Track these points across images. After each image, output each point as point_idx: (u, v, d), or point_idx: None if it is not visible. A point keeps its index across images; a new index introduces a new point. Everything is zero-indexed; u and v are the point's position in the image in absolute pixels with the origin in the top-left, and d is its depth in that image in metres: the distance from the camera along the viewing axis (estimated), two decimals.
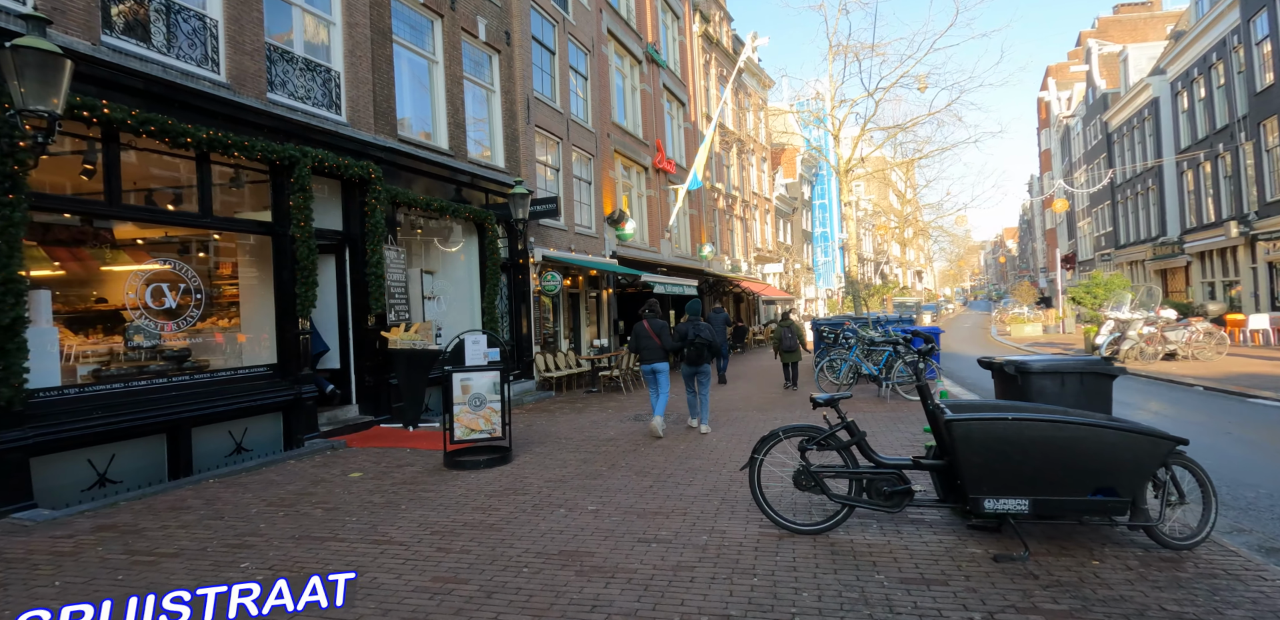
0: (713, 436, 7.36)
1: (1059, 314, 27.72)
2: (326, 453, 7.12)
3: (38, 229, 5.81)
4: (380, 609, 3.00)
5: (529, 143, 12.80)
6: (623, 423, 8.54)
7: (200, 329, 6.91)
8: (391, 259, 8.92)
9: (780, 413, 8.99)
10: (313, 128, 7.78)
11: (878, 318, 14.68)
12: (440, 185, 10.25)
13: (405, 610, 3.00)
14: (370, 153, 8.63)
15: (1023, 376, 4.55)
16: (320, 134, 7.88)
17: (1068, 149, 45.51)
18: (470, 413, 6.25)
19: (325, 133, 7.95)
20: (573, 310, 14.90)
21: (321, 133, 7.89)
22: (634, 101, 19.48)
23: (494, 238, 11.14)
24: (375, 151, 8.72)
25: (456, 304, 11.19)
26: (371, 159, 8.61)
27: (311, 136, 7.77)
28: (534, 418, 9.24)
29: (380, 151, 8.80)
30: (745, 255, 29.97)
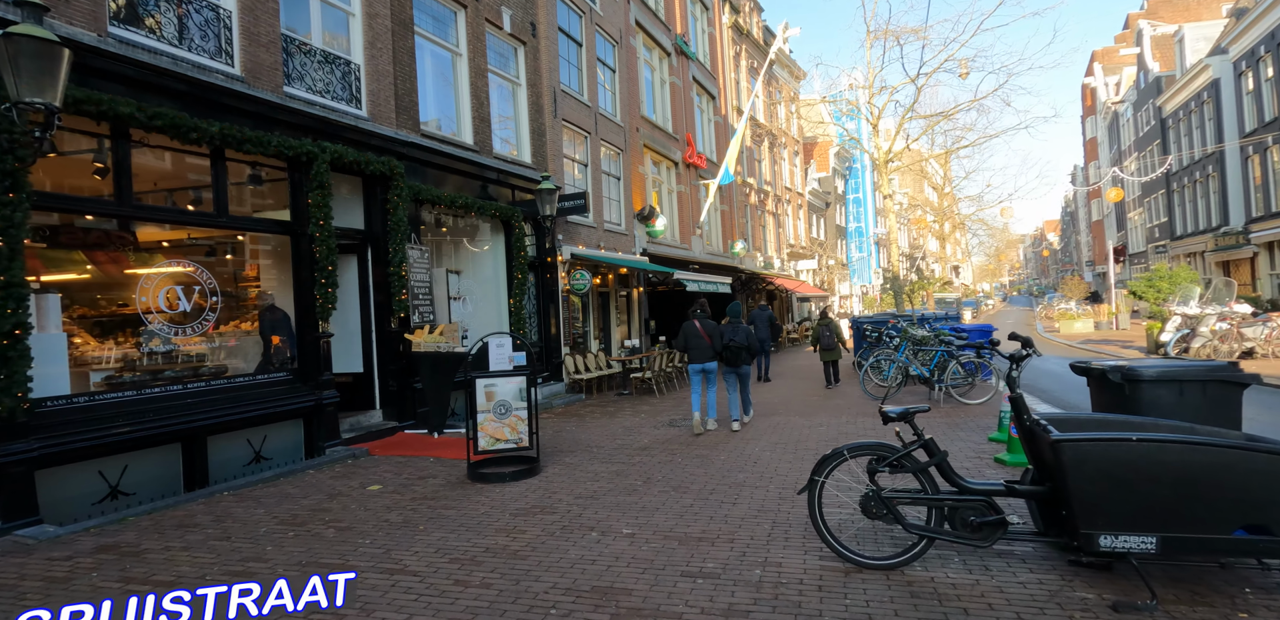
0: (756, 445, 6.84)
1: (1111, 309, 26.36)
2: (348, 462, 6.80)
3: (45, 231, 5.58)
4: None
5: (556, 137, 12.40)
6: (657, 429, 8.06)
7: (217, 333, 6.64)
8: (415, 258, 8.59)
9: (825, 417, 8.41)
10: (332, 122, 7.46)
11: (923, 315, 13.92)
12: (465, 182, 9.90)
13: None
14: (392, 148, 8.30)
15: (1131, 385, 3.92)
16: (340, 129, 7.56)
17: (1116, 137, 43.53)
18: (495, 421, 5.84)
19: (345, 128, 7.63)
20: (602, 310, 14.48)
21: (341, 128, 7.58)
22: (663, 95, 18.97)
23: (521, 236, 10.77)
24: (397, 147, 8.39)
25: (483, 304, 10.85)
26: (393, 155, 8.28)
27: (330, 132, 7.46)
28: (563, 423, 8.82)
29: (402, 147, 8.47)
30: (778, 252, 29.23)
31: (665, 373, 12.30)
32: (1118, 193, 26.70)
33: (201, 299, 6.36)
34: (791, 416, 8.62)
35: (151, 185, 6.44)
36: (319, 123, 7.33)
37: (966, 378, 8.96)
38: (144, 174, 6.20)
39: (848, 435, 7.15)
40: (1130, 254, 41.21)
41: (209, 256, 6.86)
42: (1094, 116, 52.57)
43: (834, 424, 7.90)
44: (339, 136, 7.55)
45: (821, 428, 7.66)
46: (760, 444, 6.87)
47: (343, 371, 8.22)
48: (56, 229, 5.73)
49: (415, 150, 8.74)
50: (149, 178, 6.34)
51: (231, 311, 6.93)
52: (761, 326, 13.14)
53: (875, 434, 7.10)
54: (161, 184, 6.60)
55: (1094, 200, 57.63)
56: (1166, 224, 33.41)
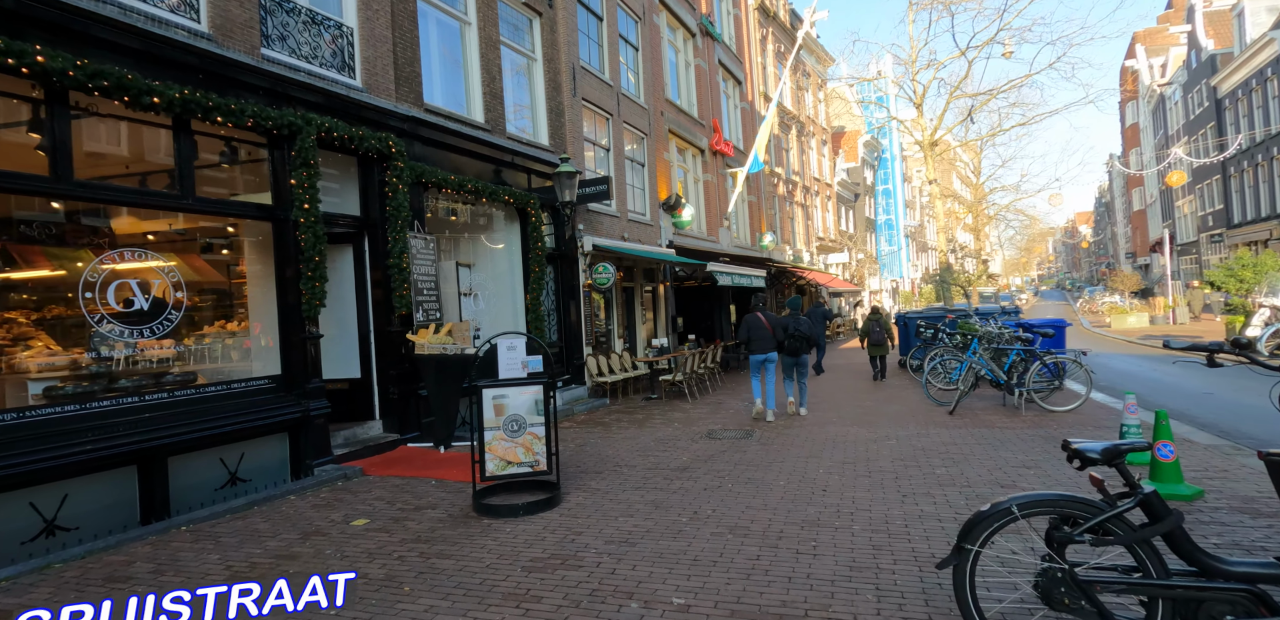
0: (819, 465, 5.74)
1: (1168, 303, 24.66)
2: (337, 484, 5.83)
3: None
4: None
5: (575, 118, 11.35)
6: (695, 442, 6.98)
7: (183, 336, 5.70)
8: (419, 249, 7.61)
9: (889, 427, 7.27)
10: (320, 91, 6.49)
11: (978, 309, 12.65)
12: (475, 164, 8.89)
13: None
14: (390, 123, 7.32)
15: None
16: (330, 100, 6.59)
17: (1161, 121, 41.38)
18: (506, 440, 4.81)
19: (335, 98, 6.66)
20: (626, 307, 13.43)
21: (330, 98, 6.60)
22: (688, 78, 17.84)
23: (537, 225, 9.75)
24: (396, 122, 7.41)
25: (497, 301, 9.86)
26: (392, 131, 7.30)
27: (318, 102, 6.48)
28: (586, 434, 7.78)
29: (403, 122, 7.49)
30: (807, 245, 27.95)
31: (697, 374, 11.22)
32: (1180, 175, 24.92)
33: (163, 295, 5.42)
34: (850, 426, 7.49)
35: (103, 162, 5.52)
36: (304, 91, 6.36)
37: (1051, 381, 7.75)
38: (95, 149, 5.27)
39: (925, 453, 6.01)
40: (1179, 244, 39.07)
41: (173, 246, 5.92)
42: (1135, 101, 50.20)
43: (903, 437, 6.76)
44: (328, 108, 6.58)
45: (890, 442, 6.52)
46: (823, 464, 5.76)
47: (338, 377, 7.28)
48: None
49: (418, 127, 7.75)
50: (98, 152, 5.41)
51: (202, 310, 5.99)
52: (818, 322, 13.09)
53: (957, 449, 5.96)
54: (116, 161, 5.66)
55: (1134, 189, 55.17)
56: (1222, 211, 31.43)
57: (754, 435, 7.21)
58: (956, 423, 7.37)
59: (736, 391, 11.30)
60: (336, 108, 6.67)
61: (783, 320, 8.29)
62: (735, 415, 8.70)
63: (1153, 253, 47.57)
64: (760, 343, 8.18)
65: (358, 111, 6.92)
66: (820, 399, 9.87)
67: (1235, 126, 28.97)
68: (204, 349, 5.97)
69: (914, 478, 5.10)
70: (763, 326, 8.19)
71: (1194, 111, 34.17)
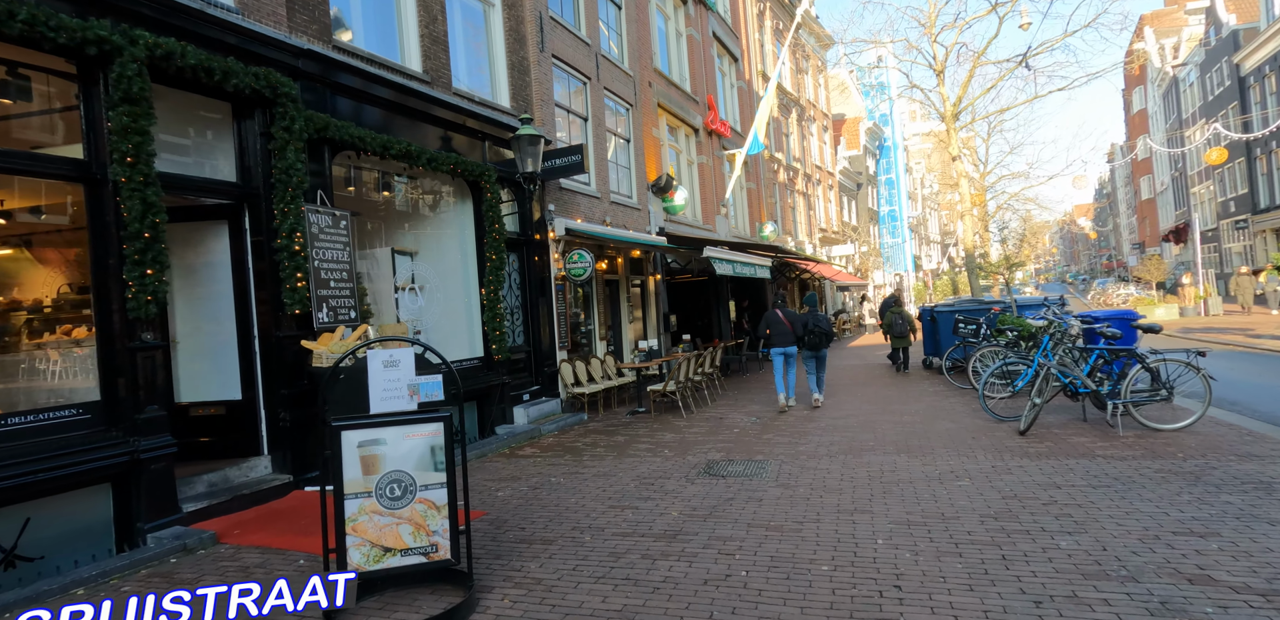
0: (870, 524, 3.92)
1: (1198, 293, 22.93)
2: (169, 561, 4.00)
3: None
4: None
5: (544, 78, 9.52)
6: (689, 482, 5.15)
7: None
8: (322, 227, 5.77)
9: (948, 457, 5.46)
10: (162, 4, 4.65)
11: (1020, 301, 10.86)
12: (411, 125, 7.05)
13: None
14: (278, 58, 5.48)
15: None
16: (172, 14, 4.74)
17: (1174, 104, 39.68)
18: (382, 514, 2.98)
19: (186, 13, 4.81)
20: (611, 302, 11.60)
21: (175, 11, 4.76)
22: (679, 48, 16.01)
23: (494, 203, 7.91)
24: (288, 58, 5.56)
25: (446, 297, 8.03)
26: (280, 69, 5.46)
27: (155, 17, 4.64)
28: (549, 467, 5.96)
29: (297, 58, 5.65)
30: (809, 236, 26.16)
31: (693, 382, 9.40)
32: (1221, 152, 23.11)
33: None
34: (896, 454, 5.67)
35: None
36: (134, 1, 4.51)
37: (1156, 390, 5.94)
38: None
39: (1023, 504, 4.19)
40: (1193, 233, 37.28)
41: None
42: (1143, 87, 48.51)
43: (977, 473, 4.93)
44: (176, 29, 4.73)
45: (962, 484, 4.70)
46: (878, 525, 3.93)
47: (209, 400, 5.45)
48: None
49: (326, 69, 5.91)
50: None
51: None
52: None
53: (1067, 496, 4.16)
54: None
55: (1142, 177, 53.53)
56: (1246, 196, 29.73)
57: (769, 469, 5.39)
58: (1037, 448, 5.57)
59: (739, 401, 9.49)
60: (189, 30, 4.83)
61: (802, 317, 8.59)
62: (741, 436, 6.89)
63: (1165, 242, 45.90)
64: (780, 337, 8.50)
65: (223, 36, 5.06)
66: (846, 409, 8.06)
67: (1260, 105, 27.26)
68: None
69: (1032, 558, 3.29)
70: (782, 322, 8.50)
71: (1213, 91, 32.42)
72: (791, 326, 8.45)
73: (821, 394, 8.75)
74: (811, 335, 8.45)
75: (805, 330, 8.46)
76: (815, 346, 8.53)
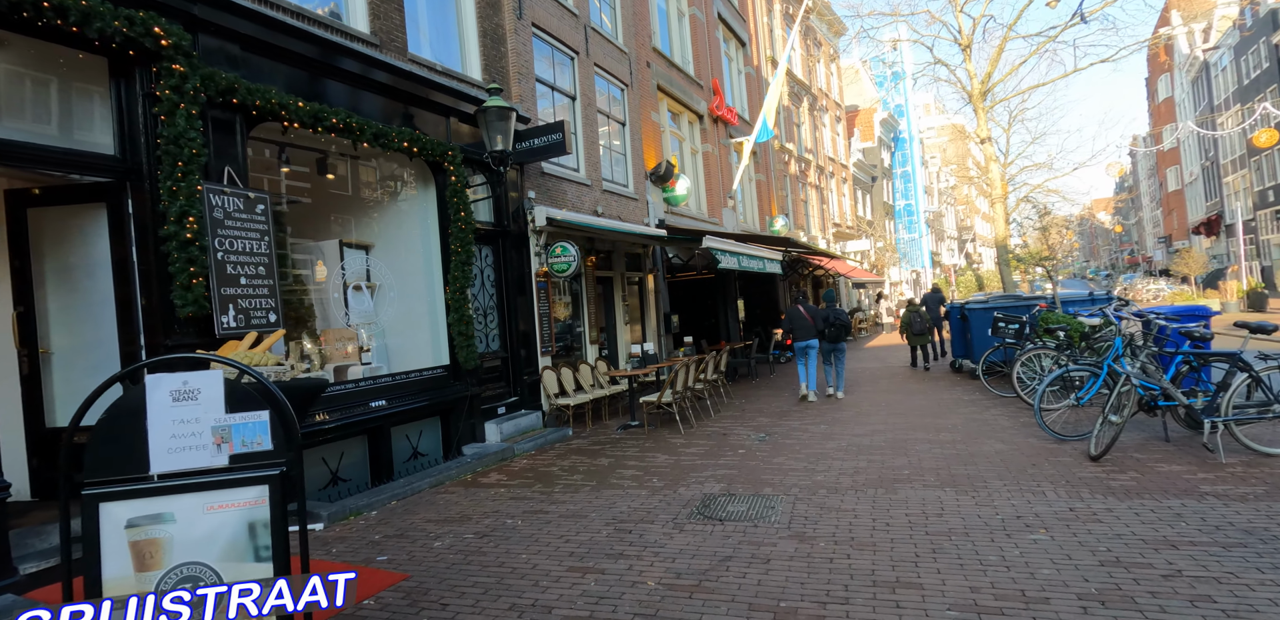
0: (907, 609, 2.81)
1: (1240, 287, 21.47)
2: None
3: None
4: None
5: (523, 49, 8.45)
6: (679, 530, 4.05)
7: None
8: (230, 212, 4.72)
9: (1011, 496, 4.32)
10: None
11: (1064, 296, 9.65)
12: (353, 94, 6.00)
13: None
14: (170, 3, 4.45)
15: None
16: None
17: (1205, 90, 37.93)
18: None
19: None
20: (604, 302, 10.52)
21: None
22: (681, 28, 14.89)
23: (459, 187, 6.84)
24: (181, 2, 4.53)
25: (406, 296, 6.98)
26: (171, 16, 4.43)
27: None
28: (508, 505, 4.88)
29: (194, 3, 4.61)
30: (822, 231, 24.94)
31: (693, 391, 8.29)
32: (1271, 134, 21.59)
33: None
34: (940, 487, 4.53)
35: None
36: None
37: (1267, 405, 4.77)
38: None
39: (1131, 574, 3.05)
40: (1228, 224, 35.57)
41: None
42: (1169, 74, 46.64)
43: (1052, 520, 3.79)
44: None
45: (1036, 538, 3.56)
46: (932, 606, 2.81)
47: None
48: None
49: (232, 17, 4.86)
50: None
51: None
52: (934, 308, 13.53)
53: (1188, 562, 3.02)
54: None
55: (1168, 168, 51.58)
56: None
57: (778, 509, 4.28)
58: (1121, 481, 4.42)
59: (746, 412, 8.37)
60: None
61: (823, 312, 9.20)
62: (746, 459, 5.78)
63: (1194, 235, 44.07)
64: (802, 331, 9.11)
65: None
66: (871, 423, 6.92)
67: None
68: None
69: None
70: (804, 317, 9.12)
71: (1249, 75, 30.75)
72: (812, 320, 9.08)
73: (842, 388, 9.29)
74: (831, 328, 9.14)
75: (825, 323, 9.11)
76: (834, 339, 9.23)
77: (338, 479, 5.58)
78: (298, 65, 5.45)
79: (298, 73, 5.45)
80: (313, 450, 5.34)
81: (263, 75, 5.12)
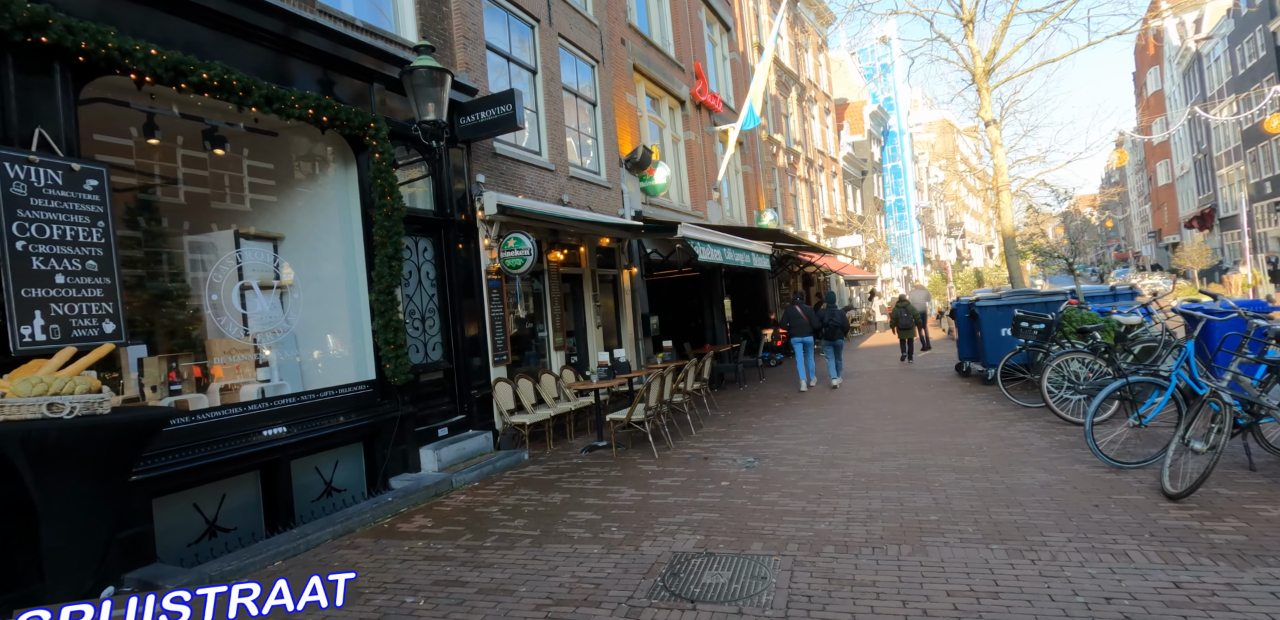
0: None
1: (1246, 281, 20.72)
2: None
3: None
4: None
5: (470, 10, 7.30)
6: (660, 609, 2.94)
7: None
8: (38, 187, 3.55)
9: (1082, 558, 3.27)
10: None
11: (1086, 291, 8.63)
12: (241, 49, 4.83)
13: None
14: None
15: None
16: None
17: (1196, 82, 37.36)
18: None
19: None
20: (571, 303, 9.38)
21: None
22: (660, 6, 13.79)
23: (384, 167, 5.67)
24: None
25: (323, 298, 5.82)
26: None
27: None
28: (417, 570, 3.74)
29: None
30: (812, 226, 23.95)
31: (672, 405, 7.17)
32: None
33: None
34: (981, 544, 3.45)
35: None
36: None
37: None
38: None
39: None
40: (1222, 218, 35.00)
41: None
42: (1158, 67, 46.13)
43: (1144, 595, 2.73)
44: None
45: None
46: None
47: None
48: None
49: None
50: None
51: None
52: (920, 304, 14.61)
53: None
54: None
55: (1159, 162, 51.12)
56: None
57: (770, 582, 3.19)
58: (1223, 532, 3.36)
59: (733, 426, 7.26)
60: None
61: (821, 312, 9.89)
62: (730, 495, 4.68)
63: (1187, 228, 43.54)
64: (799, 328, 9.65)
65: None
66: (877, 439, 5.83)
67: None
68: None
69: None
70: (800, 316, 9.61)
71: (1244, 64, 30.09)
72: (808, 319, 9.66)
73: (840, 377, 9.99)
74: (827, 327, 9.85)
75: (822, 322, 9.83)
76: (830, 337, 9.94)
77: (215, 529, 4.43)
78: (158, 7, 4.28)
79: (157, 15, 4.28)
80: (177, 495, 4.19)
81: (105, 14, 3.95)
